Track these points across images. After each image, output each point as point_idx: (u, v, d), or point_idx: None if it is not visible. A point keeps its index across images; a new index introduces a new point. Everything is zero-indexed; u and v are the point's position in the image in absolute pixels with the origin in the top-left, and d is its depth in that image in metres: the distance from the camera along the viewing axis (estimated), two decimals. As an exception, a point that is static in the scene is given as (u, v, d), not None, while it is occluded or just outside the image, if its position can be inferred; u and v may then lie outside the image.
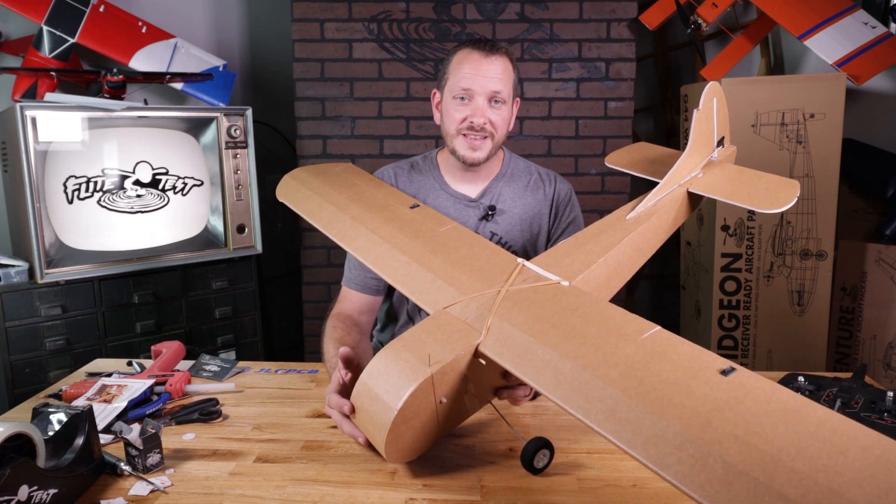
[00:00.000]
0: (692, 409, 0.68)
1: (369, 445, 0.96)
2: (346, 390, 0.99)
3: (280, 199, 1.34)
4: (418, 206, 1.23)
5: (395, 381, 0.83)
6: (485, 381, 0.93)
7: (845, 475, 0.58)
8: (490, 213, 1.41)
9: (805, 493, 0.57)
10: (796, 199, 1.14)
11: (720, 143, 1.32)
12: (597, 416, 0.71)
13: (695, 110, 1.19)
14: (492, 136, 1.33)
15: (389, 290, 1.47)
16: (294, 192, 1.33)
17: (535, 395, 1.18)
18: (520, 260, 1.03)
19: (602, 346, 0.79)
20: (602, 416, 0.71)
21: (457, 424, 0.95)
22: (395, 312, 1.49)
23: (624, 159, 1.38)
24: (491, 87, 1.30)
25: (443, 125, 1.38)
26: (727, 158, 1.34)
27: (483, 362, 0.87)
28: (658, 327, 0.82)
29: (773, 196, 1.15)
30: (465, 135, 1.33)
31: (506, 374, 0.94)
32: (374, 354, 0.90)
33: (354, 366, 1.02)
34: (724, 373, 0.72)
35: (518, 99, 1.41)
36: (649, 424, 0.67)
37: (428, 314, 0.97)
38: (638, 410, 0.69)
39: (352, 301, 1.42)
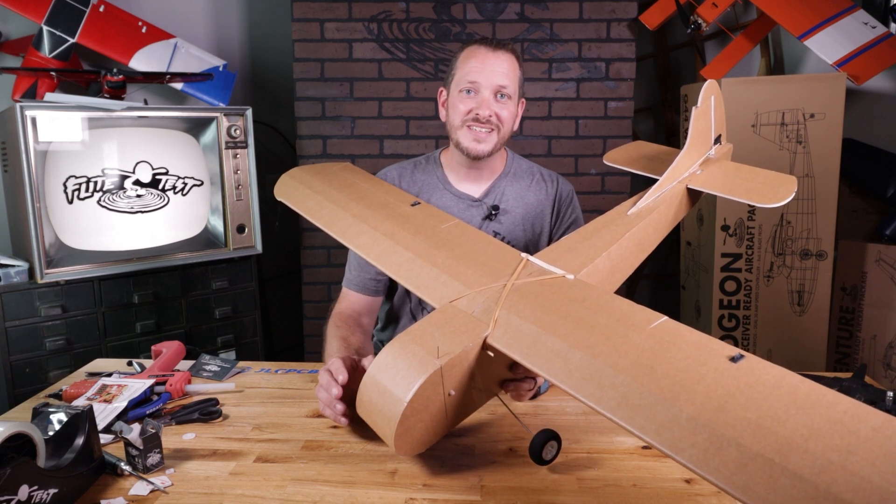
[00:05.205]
0: (704, 395, 0.68)
1: (353, 421, 0.99)
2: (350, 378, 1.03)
3: (279, 198, 1.34)
4: (419, 203, 1.23)
5: (403, 374, 0.83)
6: (492, 373, 0.93)
7: (858, 454, 0.59)
8: (493, 212, 1.40)
9: (820, 472, 0.58)
10: (794, 194, 1.15)
11: (717, 140, 1.33)
12: (609, 403, 0.72)
13: (693, 108, 1.21)
14: (497, 129, 1.33)
15: (389, 292, 1.47)
16: (293, 191, 1.33)
17: (536, 394, 1.18)
18: (524, 255, 1.03)
19: (611, 336, 0.80)
20: (614, 402, 0.71)
21: (464, 417, 0.95)
22: (395, 313, 1.49)
23: (622, 157, 1.39)
24: (497, 80, 1.30)
25: (448, 119, 1.37)
26: (724, 156, 1.36)
27: (491, 354, 0.88)
28: (665, 317, 0.82)
29: (772, 191, 1.16)
30: (469, 126, 1.32)
31: (512, 366, 0.95)
32: (377, 353, 0.90)
33: (360, 371, 1.03)
34: (734, 359, 0.73)
35: (523, 100, 1.41)
36: (662, 410, 0.68)
37: (433, 309, 0.97)
38: (650, 397, 0.70)
39: (352, 302, 1.42)
